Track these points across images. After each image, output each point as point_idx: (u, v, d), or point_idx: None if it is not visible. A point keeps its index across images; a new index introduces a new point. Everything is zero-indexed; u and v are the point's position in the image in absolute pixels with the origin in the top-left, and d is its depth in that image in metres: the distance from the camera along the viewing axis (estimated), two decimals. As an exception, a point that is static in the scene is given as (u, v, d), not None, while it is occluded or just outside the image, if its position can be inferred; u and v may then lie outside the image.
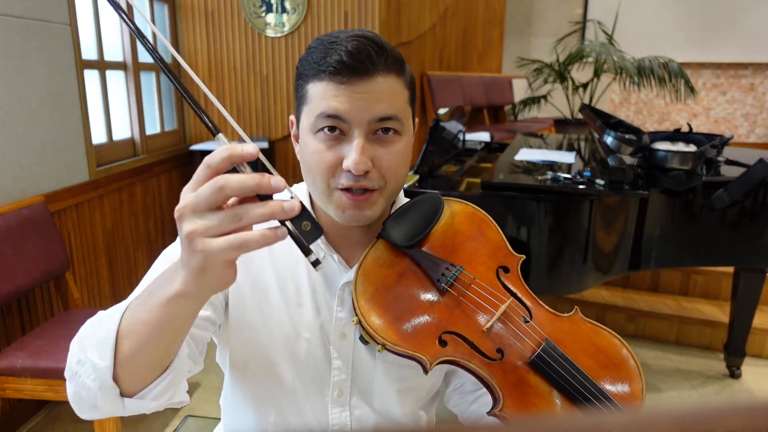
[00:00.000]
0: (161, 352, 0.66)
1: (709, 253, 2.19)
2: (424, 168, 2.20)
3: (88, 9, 2.69)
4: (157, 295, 0.61)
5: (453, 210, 0.86)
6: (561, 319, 0.81)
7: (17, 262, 1.98)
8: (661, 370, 2.66)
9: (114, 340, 0.65)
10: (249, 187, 0.54)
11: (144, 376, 0.67)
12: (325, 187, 0.76)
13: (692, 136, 2.33)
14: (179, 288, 0.58)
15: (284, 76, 3.43)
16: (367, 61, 0.72)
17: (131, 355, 0.65)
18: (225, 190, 0.54)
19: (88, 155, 2.56)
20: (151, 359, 0.66)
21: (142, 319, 0.63)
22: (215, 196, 0.54)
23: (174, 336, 0.65)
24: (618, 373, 0.78)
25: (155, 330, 0.62)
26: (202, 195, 0.54)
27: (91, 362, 0.65)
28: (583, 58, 4.89)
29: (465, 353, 0.76)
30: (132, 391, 0.67)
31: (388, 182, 0.77)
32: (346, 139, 0.74)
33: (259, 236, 0.54)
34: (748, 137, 6.51)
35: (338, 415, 0.86)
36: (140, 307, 0.65)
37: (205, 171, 0.56)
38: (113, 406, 0.68)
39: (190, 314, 0.63)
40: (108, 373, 0.65)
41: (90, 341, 0.67)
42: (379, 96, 0.73)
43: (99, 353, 0.65)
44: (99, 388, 0.65)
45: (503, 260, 0.83)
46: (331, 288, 0.84)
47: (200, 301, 0.63)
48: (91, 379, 0.66)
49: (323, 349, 0.84)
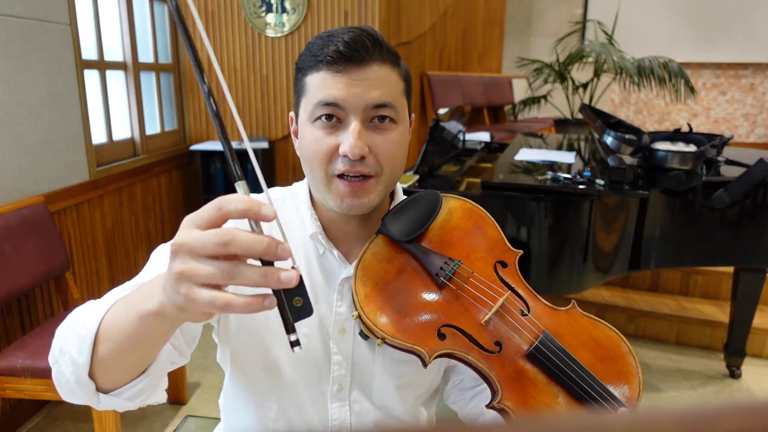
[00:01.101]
0: (136, 360, 0.68)
1: (709, 253, 2.19)
2: (424, 168, 2.20)
3: (88, 9, 2.69)
4: (134, 307, 0.62)
5: (451, 206, 0.87)
6: (558, 313, 0.82)
7: (17, 262, 1.98)
8: (661, 370, 2.66)
9: (92, 340, 0.66)
10: (255, 252, 0.52)
11: (120, 377, 0.69)
12: (323, 175, 0.77)
13: (692, 136, 2.33)
14: (155, 308, 0.58)
15: (284, 76, 3.43)
16: (363, 50, 0.75)
17: (108, 358, 0.66)
18: (229, 247, 0.51)
19: (88, 155, 2.56)
20: (126, 365, 0.68)
21: (118, 328, 0.64)
22: (217, 249, 0.52)
23: (150, 347, 0.67)
24: (615, 365, 0.79)
25: (131, 340, 0.64)
26: (204, 242, 0.52)
27: (71, 355, 0.68)
28: (583, 58, 4.89)
29: (463, 346, 0.76)
30: (108, 388, 0.69)
31: (385, 169, 0.78)
32: (342, 126, 0.76)
33: (244, 304, 0.52)
34: (748, 137, 6.51)
35: (338, 410, 0.87)
36: (119, 315, 0.66)
37: (215, 214, 0.53)
38: (89, 400, 0.70)
39: (165, 331, 0.64)
40: (84, 370, 0.67)
41: (71, 334, 0.69)
42: (375, 83, 0.76)
43: (78, 349, 0.67)
44: (75, 381, 0.68)
45: (501, 255, 0.84)
46: (331, 283, 0.85)
47: (176, 324, 0.64)
48: (69, 371, 0.68)
49: (323, 345, 0.85)
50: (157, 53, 3.28)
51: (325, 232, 0.85)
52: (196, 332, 0.83)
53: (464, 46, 5.28)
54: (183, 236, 0.53)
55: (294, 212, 0.88)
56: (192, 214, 0.56)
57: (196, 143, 3.51)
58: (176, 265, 0.53)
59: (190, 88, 3.54)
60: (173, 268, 0.53)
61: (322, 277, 0.85)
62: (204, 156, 3.43)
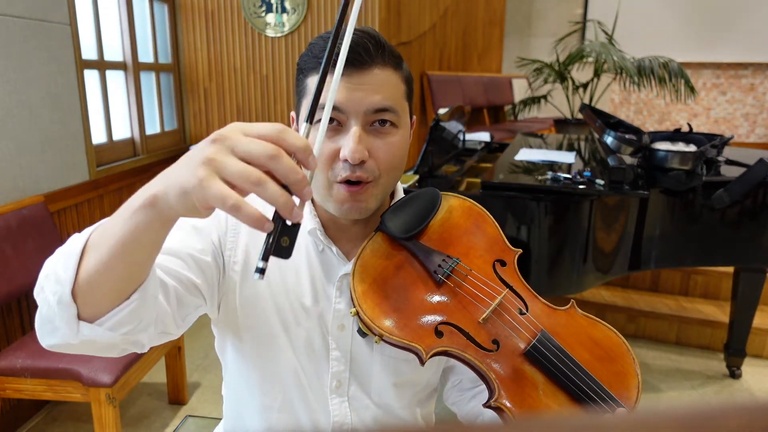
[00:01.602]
0: (123, 272, 0.63)
1: (709, 253, 2.19)
2: (424, 168, 2.20)
3: (88, 9, 2.69)
4: (125, 208, 0.60)
5: (450, 204, 0.87)
6: (557, 312, 0.82)
7: (17, 262, 1.98)
8: (661, 370, 2.66)
9: (80, 251, 0.63)
10: (293, 180, 0.52)
11: (104, 299, 0.64)
12: (324, 180, 0.77)
13: (692, 136, 2.33)
14: (149, 198, 0.56)
15: (284, 76, 3.43)
16: (365, 54, 0.74)
17: (94, 270, 0.62)
18: (273, 162, 0.52)
19: (88, 155, 2.56)
20: (111, 278, 0.63)
21: (108, 232, 0.61)
22: (260, 159, 0.52)
23: (137, 257, 0.62)
24: (614, 365, 0.78)
25: (118, 243, 0.60)
26: (253, 145, 0.52)
27: (56, 274, 0.64)
28: (583, 58, 4.89)
29: (460, 344, 0.76)
30: (90, 314, 0.64)
31: (383, 174, 0.78)
32: (343, 130, 0.76)
33: (252, 214, 0.51)
34: (748, 137, 6.51)
35: (338, 405, 0.87)
36: (108, 223, 0.63)
37: (272, 134, 0.53)
38: (69, 329, 0.64)
39: (155, 232, 0.60)
40: (68, 285, 0.62)
41: (60, 254, 0.66)
42: (376, 87, 0.75)
43: (64, 264, 0.63)
44: (57, 302, 0.63)
45: (500, 254, 0.84)
46: (330, 279, 0.85)
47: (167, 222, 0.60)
48: (52, 293, 0.64)
49: (322, 339, 0.85)
50: (157, 53, 3.28)
51: (324, 229, 0.86)
52: (191, 308, 0.80)
53: (464, 46, 5.28)
54: (228, 132, 0.53)
55: None
56: (242, 123, 0.55)
57: (196, 143, 3.50)
58: (210, 150, 0.52)
59: (190, 88, 3.54)
60: (206, 151, 0.52)
61: (321, 273, 0.86)
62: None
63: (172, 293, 0.75)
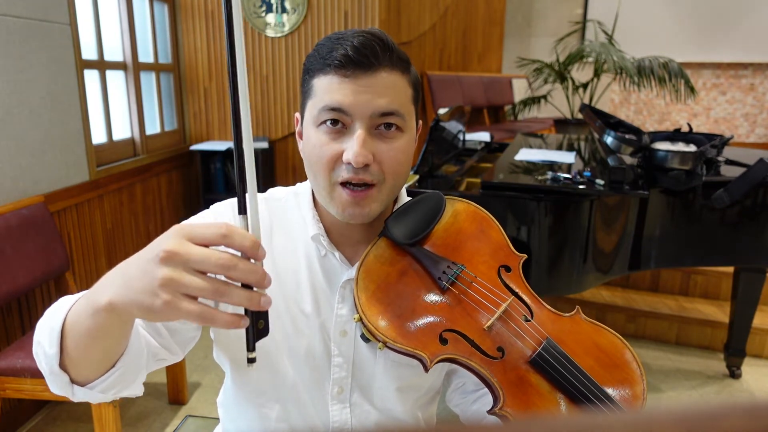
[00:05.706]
0: (99, 354, 0.68)
1: (709, 253, 2.19)
2: (424, 168, 2.20)
3: (88, 9, 2.69)
4: (90, 301, 0.62)
5: (455, 209, 0.86)
6: (562, 319, 0.81)
7: (17, 262, 1.98)
8: (661, 370, 2.66)
9: (59, 334, 0.67)
10: (253, 280, 0.55)
11: (89, 371, 0.69)
12: (326, 182, 0.77)
13: (692, 136, 2.33)
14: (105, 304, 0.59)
15: (284, 76, 3.43)
16: (372, 56, 0.73)
17: (73, 352, 0.67)
18: (231, 272, 0.54)
19: (88, 155, 2.56)
20: (91, 359, 0.68)
21: (77, 321, 0.65)
22: (218, 272, 0.54)
23: (110, 342, 0.66)
24: (620, 373, 0.77)
25: (88, 335, 0.64)
26: (205, 258, 0.53)
27: (43, 347, 0.68)
28: (583, 58, 4.89)
29: (465, 351, 0.75)
30: (81, 380, 0.70)
31: (387, 178, 0.77)
32: (348, 132, 0.75)
33: (227, 320, 0.54)
34: (748, 137, 6.51)
35: (339, 411, 0.86)
36: (79, 309, 0.65)
37: (218, 238, 0.55)
38: (64, 391, 0.70)
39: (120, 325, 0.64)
40: (55, 361, 0.67)
41: (45, 326, 0.69)
42: (382, 91, 0.74)
43: (48, 341, 0.68)
44: (49, 373, 0.69)
45: (505, 259, 0.83)
46: (332, 285, 0.84)
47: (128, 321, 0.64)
48: (43, 363, 0.69)
49: (323, 346, 0.84)
50: (157, 53, 3.28)
51: (327, 234, 0.84)
52: (193, 332, 0.82)
53: (464, 46, 5.28)
54: (177, 246, 0.54)
55: (296, 212, 0.87)
56: (185, 225, 0.56)
57: (196, 143, 3.51)
58: (165, 271, 0.53)
59: (190, 88, 3.54)
60: (160, 273, 0.53)
61: (323, 279, 0.84)
62: (204, 156, 3.43)
63: (162, 329, 0.79)
